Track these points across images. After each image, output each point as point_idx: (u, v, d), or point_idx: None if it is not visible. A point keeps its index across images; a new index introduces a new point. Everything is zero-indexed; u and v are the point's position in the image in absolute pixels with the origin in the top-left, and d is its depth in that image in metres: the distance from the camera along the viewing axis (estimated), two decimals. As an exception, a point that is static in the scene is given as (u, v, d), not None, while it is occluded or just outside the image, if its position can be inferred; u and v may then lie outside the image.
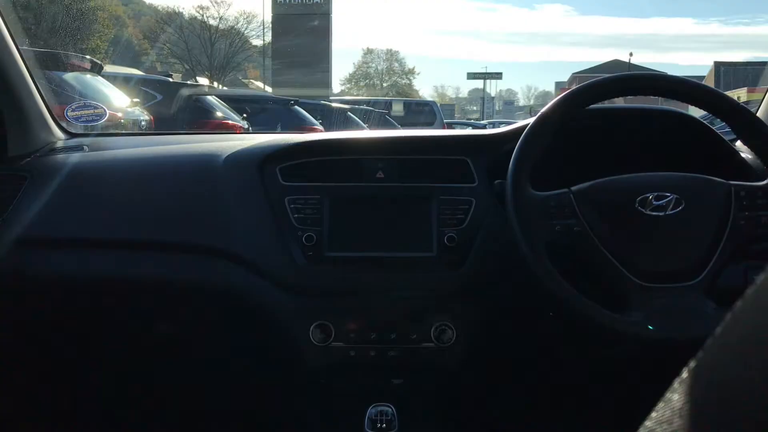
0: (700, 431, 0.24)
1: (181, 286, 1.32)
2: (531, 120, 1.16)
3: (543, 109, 1.14)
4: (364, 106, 12.35)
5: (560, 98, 1.14)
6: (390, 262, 1.24)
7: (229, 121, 7.69)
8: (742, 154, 1.28)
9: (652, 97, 1.15)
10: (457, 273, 1.24)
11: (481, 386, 1.62)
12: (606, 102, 1.26)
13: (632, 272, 1.04)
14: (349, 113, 10.69)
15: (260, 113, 9.03)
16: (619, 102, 1.52)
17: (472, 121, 26.17)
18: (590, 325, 1.03)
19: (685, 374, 0.27)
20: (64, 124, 1.71)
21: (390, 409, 1.15)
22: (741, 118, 1.08)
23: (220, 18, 31.07)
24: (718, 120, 1.15)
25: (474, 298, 1.27)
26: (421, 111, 12.90)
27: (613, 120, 1.35)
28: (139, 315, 1.46)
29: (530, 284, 1.08)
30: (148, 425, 1.72)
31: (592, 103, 1.15)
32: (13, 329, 1.48)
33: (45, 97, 1.61)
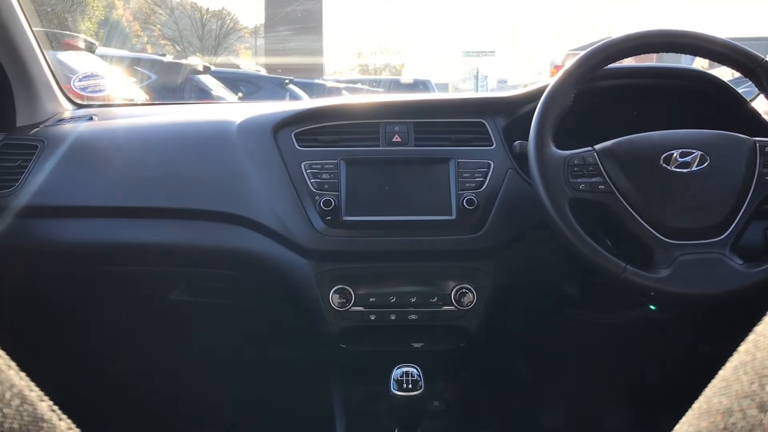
0: None
1: (199, 253, 1.31)
2: (551, 80, 1.15)
3: (565, 67, 1.13)
4: (359, 85, 12.26)
5: (582, 56, 1.13)
6: (408, 225, 1.23)
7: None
8: (764, 116, 1.27)
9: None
10: (476, 236, 1.23)
11: (502, 348, 1.62)
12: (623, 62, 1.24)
13: (658, 229, 1.03)
14: (344, 92, 10.62)
15: (255, 93, 8.97)
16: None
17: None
18: (614, 284, 1.02)
19: None
20: (70, 96, 1.69)
21: (415, 370, 1.15)
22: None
23: (211, -4, 30.59)
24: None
25: (494, 261, 1.26)
26: (416, 90, 12.80)
27: (632, 80, 1.34)
28: (154, 282, 1.45)
29: (552, 244, 1.07)
30: (158, 390, 1.72)
31: (613, 61, 1.14)
32: (27, 298, 1.47)
33: (52, 68, 1.59)
